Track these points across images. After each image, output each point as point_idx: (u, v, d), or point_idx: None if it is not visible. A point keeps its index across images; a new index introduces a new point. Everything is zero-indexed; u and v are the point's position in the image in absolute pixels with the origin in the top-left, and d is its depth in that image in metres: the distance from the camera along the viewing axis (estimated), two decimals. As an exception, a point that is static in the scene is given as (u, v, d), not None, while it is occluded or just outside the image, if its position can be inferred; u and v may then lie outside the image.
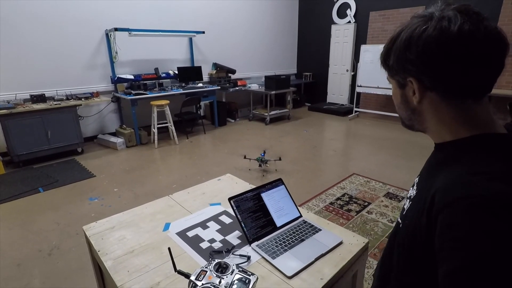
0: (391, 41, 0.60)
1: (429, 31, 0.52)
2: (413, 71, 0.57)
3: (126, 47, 5.04)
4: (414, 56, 0.54)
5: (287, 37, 7.87)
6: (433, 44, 0.52)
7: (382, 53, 0.63)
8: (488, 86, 0.54)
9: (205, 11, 5.99)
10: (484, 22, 0.51)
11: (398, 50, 0.57)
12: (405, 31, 0.56)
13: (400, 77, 0.60)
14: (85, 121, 4.83)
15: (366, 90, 6.35)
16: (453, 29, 0.50)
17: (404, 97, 0.63)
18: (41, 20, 4.21)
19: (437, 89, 0.56)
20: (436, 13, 0.53)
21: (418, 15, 0.57)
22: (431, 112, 0.59)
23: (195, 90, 5.40)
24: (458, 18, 0.51)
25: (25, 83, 4.24)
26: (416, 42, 0.54)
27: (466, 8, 0.53)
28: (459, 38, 0.50)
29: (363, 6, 6.62)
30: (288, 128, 5.90)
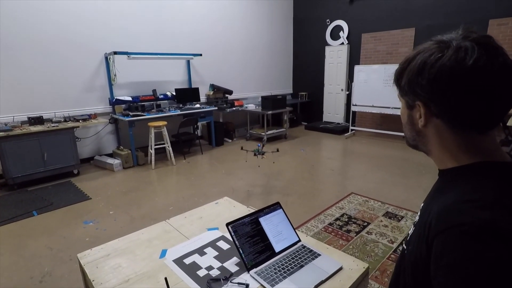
0: (406, 61, 0.60)
1: (443, 60, 0.52)
2: (422, 96, 0.57)
3: (124, 69, 5.12)
4: (425, 82, 0.55)
5: (283, 58, 8.06)
6: (445, 74, 0.52)
7: (396, 71, 0.63)
8: (496, 121, 0.54)
9: (202, 34, 6.15)
10: (500, 58, 0.50)
11: (411, 73, 0.57)
12: (421, 55, 0.56)
13: (409, 98, 0.61)
14: (82, 142, 4.83)
15: (361, 109, 6.45)
16: (467, 62, 0.50)
17: (410, 118, 0.63)
18: (41, 44, 4.29)
19: (443, 117, 0.56)
20: (454, 42, 0.53)
21: (436, 40, 0.56)
22: (435, 137, 0.60)
23: (192, 111, 5.44)
24: (475, 51, 0.50)
25: (23, 105, 4.26)
26: (429, 68, 0.54)
27: (487, 41, 0.52)
28: (472, 72, 0.50)
29: (355, 28, 6.84)
30: (285, 147, 5.92)
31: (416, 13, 5.89)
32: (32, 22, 4.17)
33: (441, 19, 5.61)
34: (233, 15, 6.62)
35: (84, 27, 4.63)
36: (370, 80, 6.18)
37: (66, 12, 4.44)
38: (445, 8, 5.53)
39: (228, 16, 6.53)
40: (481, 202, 0.49)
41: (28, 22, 4.15)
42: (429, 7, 5.71)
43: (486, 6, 5.10)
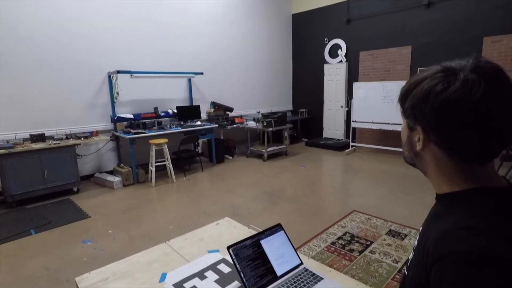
0: (412, 83, 0.59)
1: (449, 91, 0.51)
2: (423, 123, 0.57)
3: (127, 87, 5.20)
4: (428, 110, 0.54)
5: (283, 75, 8.18)
6: (449, 107, 0.51)
7: (402, 91, 0.62)
8: (495, 154, 0.54)
9: (204, 53, 6.27)
10: (506, 96, 0.50)
11: (416, 98, 0.57)
12: (427, 81, 0.55)
13: (410, 121, 0.61)
14: (82, 159, 4.83)
15: (361, 125, 6.48)
16: (473, 99, 0.49)
17: (410, 139, 0.64)
18: (45, 62, 4.37)
19: (441, 147, 0.57)
20: (462, 74, 0.52)
21: (445, 68, 0.55)
22: (432, 162, 0.61)
23: (193, 128, 5.47)
24: (482, 86, 0.50)
25: (26, 122, 4.30)
26: (433, 98, 0.53)
27: (495, 75, 0.51)
28: (476, 109, 0.49)
29: (353, 46, 6.99)
30: (286, 164, 5.91)
31: (412, 32, 6.03)
32: (36, 40, 4.27)
33: (436, 37, 5.73)
34: (234, 33, 6.78)
35: (88, 45, 4.74)
36: (369, 97, 6.24)
37: (70, 30, 4.55)
38: (440, 27, 5.67)
39: (229, 35, 6.68)
40: (477, 229, 0.49)
41: (32, 40, 4.24)
42: (425, 25, 5.85)
43: (480, 24, 5.23)
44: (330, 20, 7.31)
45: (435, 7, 5.69)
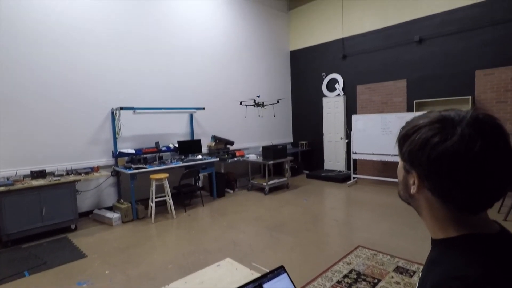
0: (411, 128, 0.60)
1: (446, 145, 0.52)
2: (418, 170, 0.58)
3: (129, 123, 5.29)
4: (424, 160, 0.55)
5: (282, 109, 8.34)
6: (445, 161, 0.52)
7: (400, 134, 0.63)
8: (488, 205, 0.55)
9: (205, 88, 6.46)
10: (502, 153, 0.52)
11: (413, 145, 0.58)
12: (426, 130, 0.56)
13: (407, 164, 0.62)
14: (82, 195, 4.78)
15: (361, 156, 6.49)
16: (468, 155, 0.51)
17: (405, 180, 0.64)
18: (48, 98, 4.47)
19: (435, 194, 0.58)
20: (459, 128, 0.53)
21: (443, 117, 0.56)
22: (426, 206, 0.62)
23: (194, 162, 5.49)
24: (478, 143, 0.51)
25: (27, 158, 4.32)
26: (430, 149, 0.54)
27: (493, 131, 0.53)
28: (471, 165, 0.51)
29: (350, 80, 7.21)
30: (288, 197, 5.84)
31: (406, 66, 6.25)
32: (39, 76, 4.41)
33: (430, 71, 5.93)
34: (235, 69, 7.03)
35: (91, 82, 4.89)
36: (368, 128, 6.32)
37: (75, 67, 4.72)
38: (433, 61, 5.89)
39: (229, 70, 6.93)
40: (469, 280, 0.50)
41: (35, 76, 4.38)
42: (418, 60, 6.08)
43: (471, 58, 5.43)
44: (326, 56, 7.62)
45: (426, 43, 5.96)
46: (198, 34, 6.31)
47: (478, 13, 5.30)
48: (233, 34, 7.00)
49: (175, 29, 5.92)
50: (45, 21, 4.42)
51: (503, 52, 5.10)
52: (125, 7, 5.23)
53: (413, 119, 0.62)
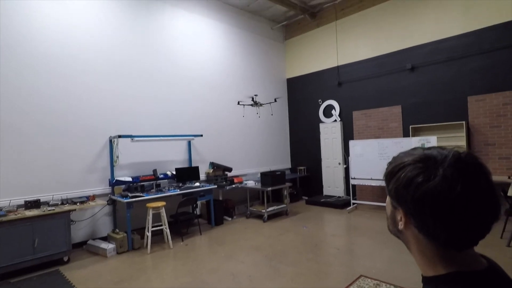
0: (396, 166, 0.61)
1: (429, 185, 0.54)
2: (404, 208, 0.60)
3: (127, 150, 5.28)
4: (409, 198, 0.57)
5: (280, 134, 8.42)
6: (428, 201, 0.54)
7: (386, 171, 0.64)
8: (474, 243, 0.56)
9: (203, 115, 6.54)
10: (483, 192, 0.53)
11: (398, 183, 0.59)
12: (410, 169, 0.58)
13: (393, 201, 0.63)
14: (76, 225, 4.67)
15: (360, 182, 6.47)
16: (451, 195, 0.53)
17: (393, 215, 0.65)
18: (47, 126, 4.49)
19: (421, 232, 0.59)
20: (441, 169, 0.55)
21: (426, 156, 0.58)
22: (414, 242, 0.63)
23: (192, 190, 5.43)
24: (460, 184, 0.53)
25: (22, 188, 4.25)
26: (414, 188, 0.56)
27: (474, 171, 0.55)
28: (454, 204, 0.53)
29: (346, 106, 7.34)
30: (287, 224, 5.73)
31: (400, 92, 6.40)
32: (39, 104, 4.44)
33: (423, 97, 6.07)
34: (232, 96, 7.15)
35: (91, 110, 4.93)
36: (366, 154, 6.35)
37: (74, 95, 4.77)
38: (426, 88, 6.04)
39: (227, 97, 7.05)
40: None
41: (35, 104, 4.41)
42: (412, 87, 6.24)
43: (462, 85, 5.58)
44: (322, 83, 7.82)
45: (418, 70, 6.15)
46: (197, 63, 6.48)
47: (466, 42, 5.52)
48: (232, 63, 7.21)
49: (174, 58, 6.09)
50: (46, 50, 4.53)
51: (492, 79, 5.26)
52: (125, 37, 5.40)
53: (399, 155, 0.64)
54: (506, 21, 5.10)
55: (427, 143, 5.55)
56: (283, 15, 7.94)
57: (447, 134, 5.73)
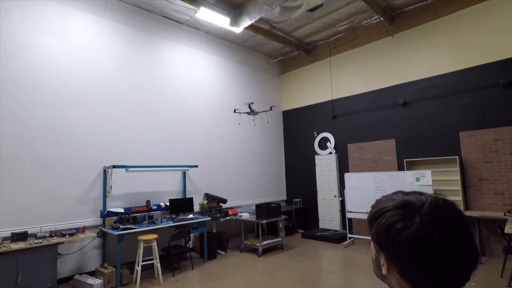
0: (378, 211, 0.63)
1: (407, 233, 0.56)
2: (386, 253, 0.61)
3: (121, 181, 5.22)
4: (390, 244, 0.58)
5: (276, 166, 8.42)
6: (407, 248, 0.56)
7: (369, 215, 0.66)
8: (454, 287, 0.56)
9: (199, 145, 6.56)
10: (460, 239, 0.55)
11: (379, 228, 0.61)
12: (390, 215, 0.60)
13: (376, 245, 0.64)
14: (63, 259, 4.48)
15: (356, 215, 6.39)
16: (428, 243, 0.54)
17: (377, 259, 0.65)
18: (41, 155, 4.44)
19: (402, 278, 0.59)
20: (418, 217, 0.57)
21: (406, 203, 0.60)
22: (397, 287, 0.62)
23: (185, 222, 5.30)
24: (436, 232, 0.55)
25: (10, 219, 4.12)
26: (394, 235, 0.58)
27: (451, 219, 0.57)
28: (431, 252, 0.54)
29: (341, 139, 7.44)
30: (282, 259, 5.56)
31: (394, 127, 6.54)
32: (33, 134, 4.43)
33: (416, 132, 6.20)
34: (228, 127, 7.24)
35: (86, 140, 4.93)
36: (361, 186, 6.34)
37: (69, 125, 4.78)
38: (419, 122, 6.19)
39: (223, 128, 7.12)
40: None
41: (29, 134, 4.40)
42: (404, 121, 6.39)
43: (454, 121, 5.72)
44: (317, 116, 7.98)
45: (410, 106, 6.33)
46: (194, 94, 6.62)
47: (455, 80, 5.76)
48: (228, 95, 7.38)
49: (172, 89, 6.23)
50: (45, 81, 4.61)
51: (481, 115, 5.42)
52: (124, 69, 5.54)
53: (381, 199, 0.66)
54: (488, 62, 5.36)
55: (422, 177, 5.58)
56: (279, 51, 8.28)
57: (441, 168, 5.79)
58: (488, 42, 5.39)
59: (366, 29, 6.98)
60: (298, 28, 7.04)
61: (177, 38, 6.42)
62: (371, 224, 0.65)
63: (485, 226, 5.24)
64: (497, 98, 5.27)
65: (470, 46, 5.60)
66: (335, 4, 6.07)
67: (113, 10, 5.45)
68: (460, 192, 5.46)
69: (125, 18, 5.62)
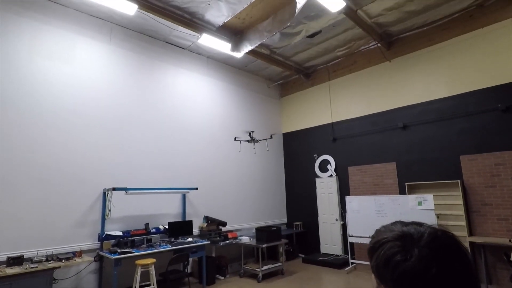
0: (377, 243, 0.63)
1: (406, 265, 0.56)
2: (386, 286, 0.60)
3: (120, 203, 5.20)
4: (389, 278, 0.58)
5: (275, 189, 8.37)
6: (406, 281, 0.55)
7: (369, 245, 0.66)
8: None
9: (199, 167, 6.56)
10: (459, 273, 0.55)
11: (379, 260, 0.61)
12: (389, 247, 0.60)
13: (376, 278, 0.63)
14: (59, 284, 4.38)
15: (358, 240, 6.27)
16: (427, 276, 0.54)
17: None
18: (38, 178, 4.43)
19: None
20: (416, 249, 0.57)
21: (404, 235, 0.60)
22: None
23: (184, 246, 5.22)
24: (435, 265, 0.54)
25: (6, 243, 4.07)
26: (393, 268, 0.57)
27: (450, 251, 0.57)
28: (430, 285, 0.53)
29: (341, 161, 7.43)
30: (283, 285, 5.40)
31: (394, 150, 6.54)
32: (32, 156, 4.45)
33: (417, 155, 6.19)
34: (228, 149, 7.27)
35: (85, 162, 4.94)
36: (363, 210, 6.26)
37: (69, 147, 4.81)
38: (420, 146, 6.19)
39: (223, 151, 7.16)
40: None
41: (28, 156, 4.43)
42: (404, 144, 6.40)
43: (454, 144, 5.72)
44: (317, 138, 8.02)
45: (410, 129, 6.37)
46: (195, 117, 6.71)
47: (453, 104, 5.82)
48: (229, 118, 7.47)
49: (173, 112, 6.32)
50: (46, 104, 4.69)
51: (481, 140, 5.43)
52: (125, 92, 5.65)
53: (380, 230, 0.66)
54: (486, 87, 5.44)
55: (424, 201, 5.52)
56: (279, 75, 8.46)
57: (443, 192, 5.74)
58: (484, 68, 5.50)
59: (364, 54, 7.16)
60: (297, 53, 7.23)
61: (179, 63, 6.60)
62: (370, 255, 0.65)
63: (490, 252, 5.11)
64: (496, 122, 5.31)
65: (466, 72, 5.71)
66: (333, 30, 6.27)
67: (118, 37, 5.66)
68: (463, 217, 5.37)
69: (130, 44, 5.81)
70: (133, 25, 5.73)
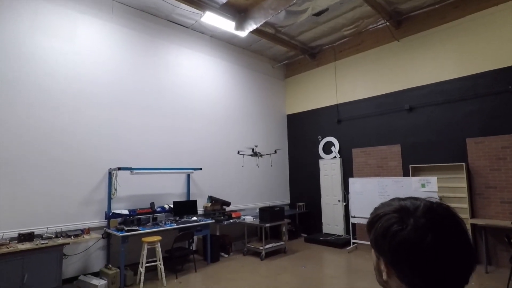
0: (375, 217, 0.65)
1: (402, 235, 0.57)
2: (384, 258, 0.62)
3: (126, 183, 5.28)
4: (387, 248, 0.60)
5: (279, 170, 8.42)
6: (403, 250, 0.57)
7: (367, 221, 0.68)
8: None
9: (203, 148, 6.60)
10: (455, 239, 0.55)
11: (377, 233, 0.62)
12: (386, 219, 0.61)
13: (375, 251, 0.65)
14: (68, 260, 4.54)
15: (360, 220, 6.35)
16: (422, 244, 0.55)
17: (378, 266, 0.66)
18: (45, 157, 4.51)
19: (402, 282, 0.59)
20: (412, 219, 0.58)
21: (401, 208, 0.61)
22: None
23: (189, 224, 5.34)
24: (430, 233, 0.55)
25: (16, 220, 4.20)
26: (390, 238, 0.59)
27: (445, 221, 0.57)
28: (426, 253, 0.55)
29: (345, 143, 7.41)
30: (285, 263, 5.55)
31: (399, 132, 6.49)
32: (39, 135, 4.50)
33: (423, 137, 6.14)
34: (234, 130, 7.27)
35: (92, 142, 5.00)
36: (366, 191, 6.30)
37: (76, 127, 4.85)
38: (425, 128, 6.13)
39: (228, 132, 7.16)
40: None
41: (36, 136, 4.48)
42: (411, 126, 6.33)
43: (461, 127, 5.65)
44: (322, 120, 7.96)
45: (416, 111, 6.28)
46: (199, 97, 6.67)
47: (462, 86, 5.69)
48: (233, 98, 7.41)
49: (177, 92, 6.28)
50: (51, 84, 4.69)
51: (489, 122, 5.35)
52: (130, 71, 5.61)
53: (379, 206, 0.67)
54: (497, 68, 5.29)
55: (428, 184, 5.52)
56: (284, 55, 8.29)
57: (447, 175, 5.73)
58: (496, 48, 5.33)
59: (372, 34, 6.96)
60: (303, 32, 7.05)
61: (182, 42, 6.48)
62: (369, 229, 0.66)
63: (491, 234, 5.16)
64: (505, 105, 5.20)
65: (478, 52, 5.54)
66: (340, 8, 6.06)
67: (119, 14, 5.53)
68: (466, 199, 5.39)
69: (131, 22, 5.69)
70: (134, 2, 5.58)
